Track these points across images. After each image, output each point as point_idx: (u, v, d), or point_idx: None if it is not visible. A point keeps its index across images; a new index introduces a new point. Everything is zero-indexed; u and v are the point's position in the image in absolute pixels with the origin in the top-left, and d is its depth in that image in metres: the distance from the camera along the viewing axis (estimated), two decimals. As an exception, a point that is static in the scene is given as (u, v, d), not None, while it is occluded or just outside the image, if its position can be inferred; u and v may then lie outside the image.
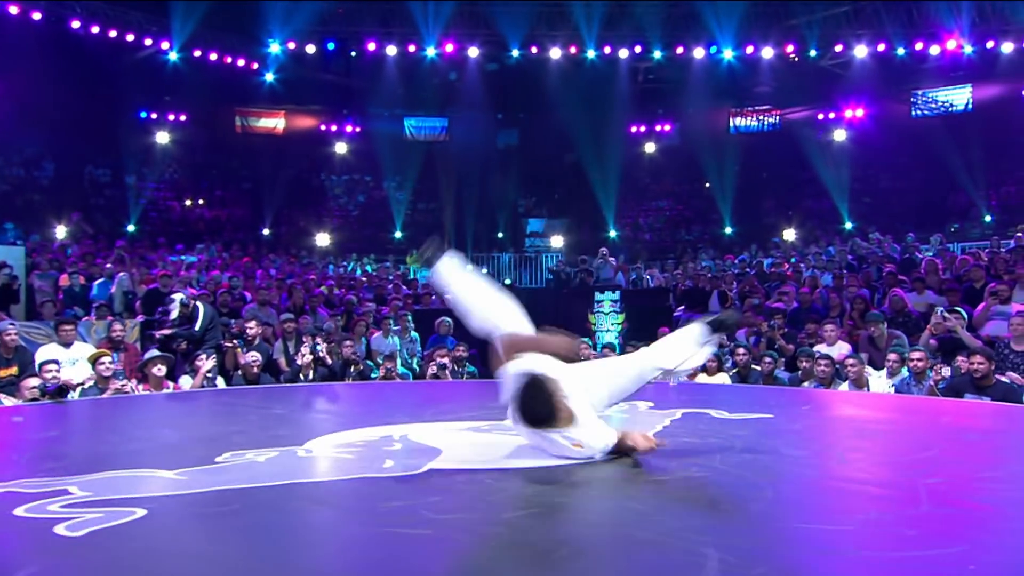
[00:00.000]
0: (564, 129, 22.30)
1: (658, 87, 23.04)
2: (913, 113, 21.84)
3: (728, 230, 21.50)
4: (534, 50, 20.74)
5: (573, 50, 20.60)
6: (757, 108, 23.76)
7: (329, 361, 8.07)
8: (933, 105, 21.43)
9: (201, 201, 22.70)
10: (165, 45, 19.92)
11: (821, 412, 5.12)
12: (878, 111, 21.81)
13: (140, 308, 10.83)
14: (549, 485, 3.03)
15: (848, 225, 19.94)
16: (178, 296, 8.38)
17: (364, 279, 14.02)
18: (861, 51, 19.74)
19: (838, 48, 19.91)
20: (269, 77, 21.87)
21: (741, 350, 8.14)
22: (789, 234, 20.18)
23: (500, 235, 22.21)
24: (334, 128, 24.18)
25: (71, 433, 4.39)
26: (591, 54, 20.78)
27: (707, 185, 23.72)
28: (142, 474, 3.14)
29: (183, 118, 22.31)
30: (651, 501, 2.77)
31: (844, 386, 7.00)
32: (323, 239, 20.85)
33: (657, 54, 20.79)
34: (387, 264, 16.28)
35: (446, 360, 8.33)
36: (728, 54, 20.40)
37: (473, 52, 21.08)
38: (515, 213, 23.80)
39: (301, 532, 2.42)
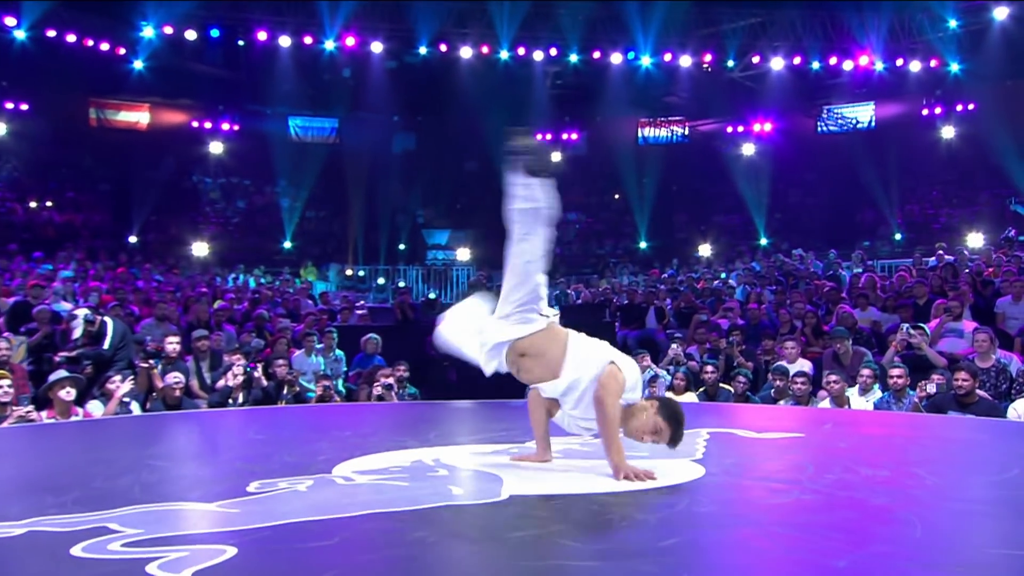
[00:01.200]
0: (465, 134, 22.33)
1: (567, 93, 23.50)
2: (819, 129, 23.32)
3: (643, 244, 22.11)
4: (443, 48, 20.65)
5: (485, 50, 20.68)
6: (667, 119, 24.65)
7: (265, 382, 7.65)
8: (841, 121, 22.93)
9: (49, 203, 21.09)
10: (11, 21, 18.44)
11: (847, 430, 5.27)
12: (785, 126, 23.16)
13: (4, 323, 9.88)
14: (668, 510, 2.95)
15: (763, 241, 20.93)
16: (81, 312, 7.68)
17: (269, 292, 13.41)
18: (777, 63, 20.92)
19: (755, 59, 20.99)
20: (138, 65, 20.69)
21: (710, 368, 8.32)
22: (704, 249, 20.98)
23: (401, 247, 21.90)
24: (208, 125, 23.18)
25: (34, 465, 3.91)
26: (504, 55, 20.94)
27: (616, 197, 24.36)
28: (182, 508, 2.93)
29: (24, 107, 20.65)
30: (807, 527, 2.72)
31: (825, 403, 7.26)
32: (200, 248, 19.85)
33: (574, 57, 21.21)
34: (286, 276, 15.70)
35: (391, 380, 8.08)
36: (646, 61, 21.10)
37: (377, 47, 20.77)
38: (415, 224, 23.56)
39: (462, 567, 2.22)
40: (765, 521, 2.81)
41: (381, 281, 18.32)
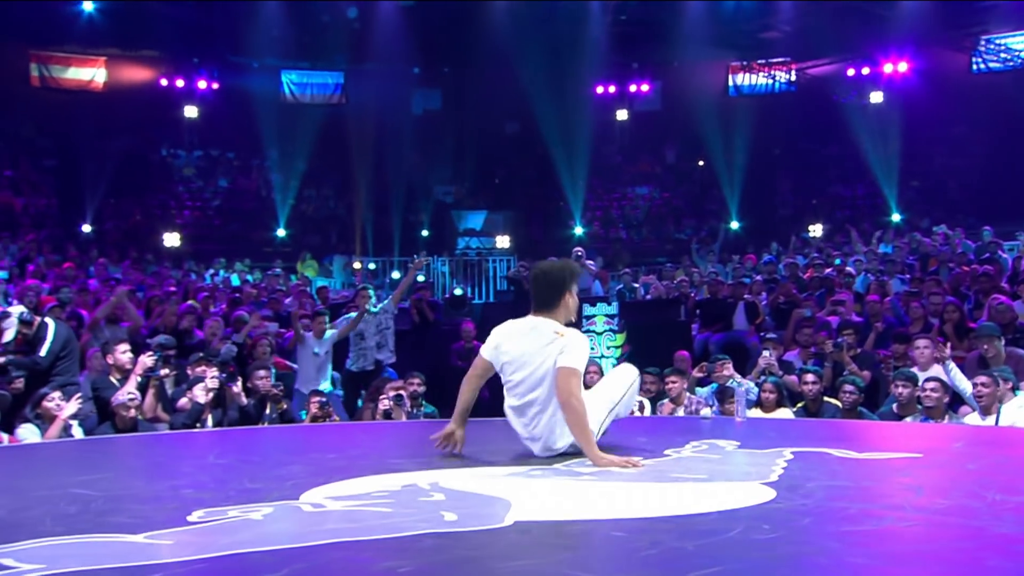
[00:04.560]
0: (504, 90, 22.41)
1: (634, 32, 23.47)
2: (975, 67, 22.78)
3: (735, 224, 21.97)
4: (473, -21, 20.89)
5: (527, -20, 20.83)
6: (767, 61, 24.41)
7: (244, 400, 7.86)
8: (1005, 55, 22.31)
9: (-18, 185, 21.75)
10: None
11: (986, 450, 5.19)
12: (928, 64, 22.68)
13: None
14: (713, 537, 2.97)
15: (896, 217, 20.64)
16: (16, 309, 7.94)
17: (253, 291, 13.72)
18: (917, -19, 20.54)
19: (889, -25, 20.63)
20: (88, 6, 21.23)
21: (811, 377, 8.24)
22: (816, 229, 20.77)
23: (425, 233, 22.12)
24: (181, 83, 23.65)
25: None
26: (551, -14, 21.10)
27: (700, 164, 24.23)
28: (97, 540, 3.03)
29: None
30: (896, 558, 2.75)
31: (973, 417, 7.15)
32: (172, 238, 20.36)
33: (640, -13, 21.23)
34: (277, 271, 16.04)
35: (403, 392, 8.25)
36: (736, -14, 21.03)
37: (387, -20, 21.07)
38: (441, 203, 23.75)
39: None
40: (840, 551, 2.81)
41: (396, 276, 18.57)
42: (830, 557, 2.74)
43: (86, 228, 20.75)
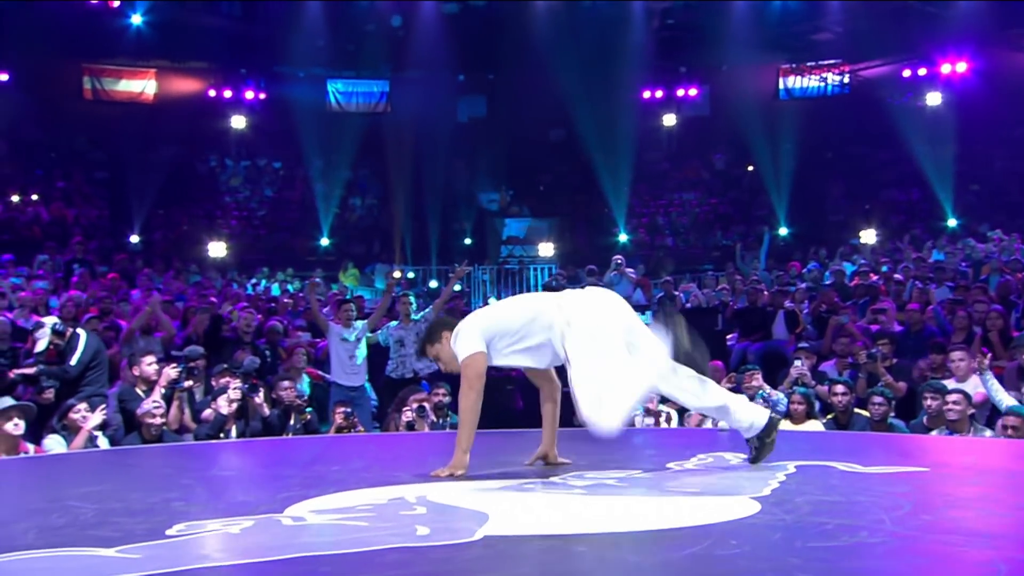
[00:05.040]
0: (550, 96, 22.44)
1: (681, 36, 23.44)
2: (1038, 65, 22.30)
3: (783, 231, 21.78)
4: (515, -14, 21.02)
5: (569, -14, 20.91)
6: (819, 64, 24.18)
7: (267, 411, 8.00)
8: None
9: (35, 196, 22.19)
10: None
11: (999, 464, 5.17)
12: (989, 64, 22.17)
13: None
14: (674, 553, 3.01)
15: (952, 222, 20.31)
16: (50, 320, 8.21)
17: (289, 301, 13.90)
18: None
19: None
20: (136, 20, 21.69)
21: (840, 388, 8.20)
22: (867, 235, 20.47)
23: (468, 241, 22.22)
24: (228, 94, 23.97)
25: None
26: (598, -13, 21.14)
27: (750, 169, 24.05)
28: (68, 554, 3.13)
29: (4, 77, 21.82)
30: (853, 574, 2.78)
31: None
32: (217, 248, 20.66)
33: (684, -10, 21.20)
34: (316, 279, 16.28)
35: (426, 404, 8.35)
36: (784, -13, 20.91)
37: (429, -13, 21.29)
38: (485, 211, 23.85)
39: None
40: (796, 568, 2.82)
41: (433, 285, 18.62)
42: (783, 574, 2.76)
43: (134, 239, 21.15)
